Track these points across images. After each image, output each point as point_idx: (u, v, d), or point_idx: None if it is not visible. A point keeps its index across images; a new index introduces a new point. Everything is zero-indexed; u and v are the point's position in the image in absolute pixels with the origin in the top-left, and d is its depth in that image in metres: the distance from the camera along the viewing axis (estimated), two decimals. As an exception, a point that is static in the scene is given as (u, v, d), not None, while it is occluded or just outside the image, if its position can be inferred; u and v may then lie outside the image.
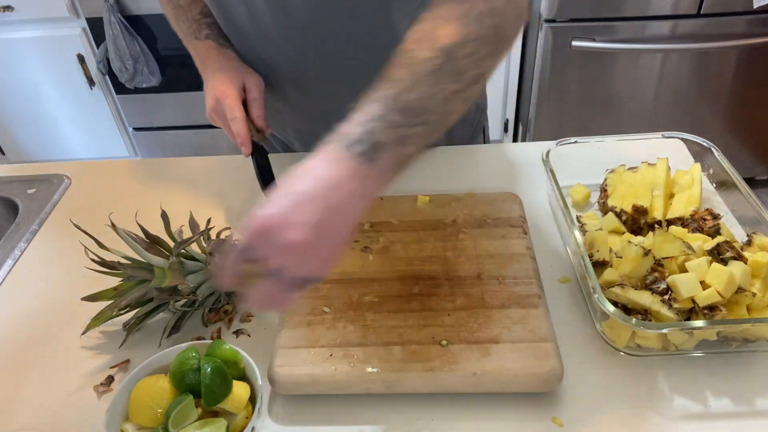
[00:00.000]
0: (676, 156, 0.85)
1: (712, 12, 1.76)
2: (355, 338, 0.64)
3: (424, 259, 0.73)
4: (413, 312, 0.67)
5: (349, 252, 0.75)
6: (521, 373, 0.60)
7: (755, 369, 0.64)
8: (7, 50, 2.09)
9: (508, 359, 0.61)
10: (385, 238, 0.77)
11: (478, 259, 0.73)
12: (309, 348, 0.63)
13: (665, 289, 0.64)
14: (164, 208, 0.72)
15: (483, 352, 0.61)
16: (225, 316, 0.73)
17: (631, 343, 0.65)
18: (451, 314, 0.66)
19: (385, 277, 0.71)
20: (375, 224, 0.79)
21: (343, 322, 0.66)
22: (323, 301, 0.69)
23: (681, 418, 0.60)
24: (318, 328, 0.66)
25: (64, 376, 0.69)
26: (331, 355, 0.62)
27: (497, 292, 0.68)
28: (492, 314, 0.66)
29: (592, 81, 1.92)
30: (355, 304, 0.68)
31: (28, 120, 2.28)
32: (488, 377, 0.60)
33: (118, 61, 1.98)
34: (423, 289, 0.69)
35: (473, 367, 0.60)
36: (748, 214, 0.75)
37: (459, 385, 0.61)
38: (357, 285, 0.71)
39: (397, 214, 0.80)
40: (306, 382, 0.61)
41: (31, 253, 0.87)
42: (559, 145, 0.86)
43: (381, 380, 0.61)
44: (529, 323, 0.64)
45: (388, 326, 0.65)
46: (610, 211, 0.78)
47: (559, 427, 0.60)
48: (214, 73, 0.80)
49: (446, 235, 0.76)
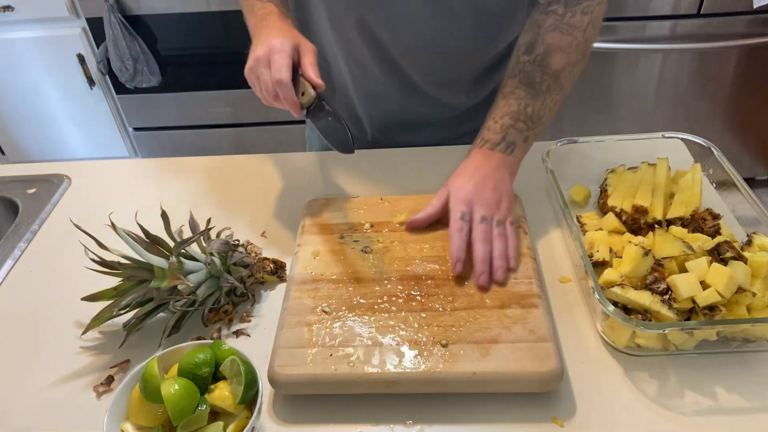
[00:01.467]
0: (676, 156, 0.85)
1: (712, 12, 1.76)
2: (354, 338, 0.64)
3: (423, 259, 0.73)
4: (413, 312, 0.67)
5: (350, 252, 0.75)
6: (521, 373, 0.60)
7: (755, 369, 0.64)
8: (7, 50, 2.09)
9: (508, 359, 0.61)
10: (385, 238, 0.77)
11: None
12: (309, 348, 0.64)
13: (665, 289, 0.64)
14: (164, 208, 0.72)
15: (483, 352, 0.62)
16: (225, 316, 0.73)
17: (631, 343, 0.65)
18: (450, 314, 0.66)
19: (385, 278, 0.71)
20: (375, 224, 0.79)
21: (343, 322, 0.66)
22: (323, 301, 0.69)
23: (681, 418, 0.60)
24: (318, 328, 0.66)
25: (64, 375, 0.69)
26: (331, 355, 0.62)
27: (497, 292, 0.68)
28: (492, 314, 0.66)
29: (591, 81, 1.92)
30: (355, 305, 0.68)
31: (28, 120, 2.28)
32: (488, 378, 0.60)
33: (118, 61, 1.98)
34: (423, 289, 0.70)
35: (473, 368, 0.60)
36: (748, 214, 0.75)
37: (459, 386, 0.61)
38: (357, 285, 0.71)
39: (397, 214, 0.80)
40: (306, 383, 0.61)
41: (31, 253, 0.87)
42: (559, 145, 0.86)
43: (381, 380, 0.61)
44: (530, 323, 0.64)
45: (387, 326, 0.65)
46: (610, 211, 0.78)
47: (559, 427, 0.60)
48: (270, 31, 0.76)
49: (446, 235, 0.76)
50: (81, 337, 0.72)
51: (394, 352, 0.62)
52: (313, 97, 0.76)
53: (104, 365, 0.69)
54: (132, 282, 0.69)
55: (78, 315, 0.75)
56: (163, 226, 0.71)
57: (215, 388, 0.58)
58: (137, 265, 0.69)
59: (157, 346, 0.69)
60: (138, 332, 0.71)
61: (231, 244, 0.74)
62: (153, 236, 0.71)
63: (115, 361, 0.69)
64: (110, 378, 0.67)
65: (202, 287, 0.69)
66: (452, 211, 0.74)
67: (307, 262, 0.74)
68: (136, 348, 0.70)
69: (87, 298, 0.70)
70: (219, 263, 0.71)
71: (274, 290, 0.77)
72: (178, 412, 0.54)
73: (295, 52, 0.73)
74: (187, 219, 0.74)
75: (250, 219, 0.87)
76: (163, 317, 0.71)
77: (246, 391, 0.57)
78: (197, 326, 0.72)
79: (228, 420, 0.57)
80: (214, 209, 0.90)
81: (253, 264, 0.75)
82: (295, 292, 0.70)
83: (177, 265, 0.68)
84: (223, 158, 1.03)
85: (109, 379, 0.67)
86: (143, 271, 0.68)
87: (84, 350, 0.71)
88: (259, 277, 0.76)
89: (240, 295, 0.74)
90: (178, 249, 0.69)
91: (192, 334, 0.71)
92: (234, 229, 0.79)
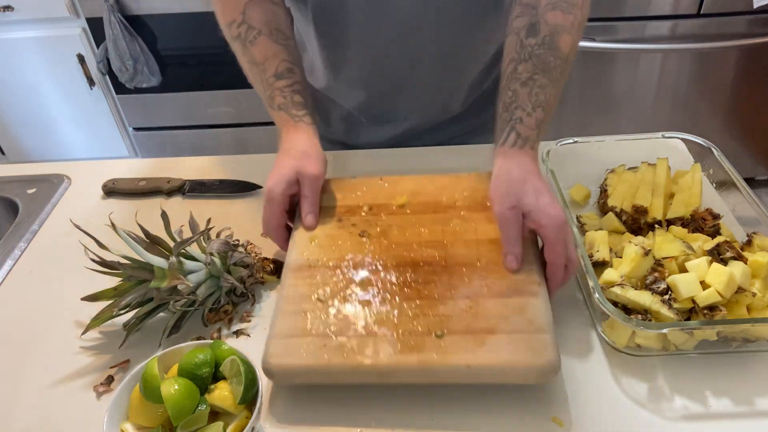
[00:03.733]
0: (676, 156, 0.85)
1: (712, 12, 1.76)
2: (348, 328, 0.63)
3: (421, 244, 0.71)
4: (409, 300, 0.65)
5: (347, 237, 0.73)
6: (517, 365, 0.59)
7: (755, 369, 0.64)
8: (7, 50, 2.09)
9: (504, 351, 0.59)
10: (383, 222, 0.75)
11: (478, 244, 0.70)
12: (302, 337, 0.62)
13: (665, 289, 0.64)
14: (164, 208, 0.72)
15: (478, 342, 0.60)
16: (225, 316, 0.73)
17: (631, 343, 0.65)
18: (447, 303, 0.64)
19: (381, 264, 0.70)
20: (374, 207, 0.77)
21: (338, 311, 0.65)
22: (319, 288, 0.67)
23: (681, 418, 0.60)
24: (312, 316, 0.64)
25: (64, 376, 0.69)
26: (325, 345, 0.61)
27: (496, 280, 0.66)
28: (489, 303, 0.64)
29: (592, 81, 1.92)
30: (351, 293, 0.67)
31: (28, 120, 2.28)
32: (482, 369, 0.59)
33: (118, 61, 1.98)
34: (419, 276, 0.68)
35: (467, 359, 0.59)
36: (748, 214, 0.75)
37: (453, 377, 0.60)
38: (353, 272, 0.69)
39: (397, 196, 0.78)
40: (299, 373, 0.61)
41: (31, 253, 0.87)
42: (559, 145, 0.86)
43: (374, 371, 0.60)
44: (528, 313, 0.62)
45: (382, 315, 0.64)
46: (610, 211, 0.78)
47: (559, 427, 0.60)
48: (279, 159, 0.77)
49: (445, 219, 0.73)
50: (81, 337, 0.72)
51: (388, 342, 0.61)
52: None
53: (104, 365, 0.69)
54: (132, 282, 0.69)
55: (78, 315, 0.75)
56: (163, 226, 0.72)
57: (215, 388, 0.58)
58: (137, 265, 0.69)
59: (157, 346, 0.69)
60: (138, 332, 0.71)
61: (231, 244, 0.74)
62: (153, 236, 0.71)
63: (115, 361, 0.69)
64: (110, 378, 0.67)
65: (202, 287, 0.69)
66: (557, 242, 0.65)
67: (303, 247, 0.73)
68: (136, 348, 0.70)
69: (87, 298, 0.70)
70: (219, 263, 0.71)
71: (274, 290, 0.77)
72: (178, 412, 0.54)
73: (292, 186, 0.74)
74: (187, 219, 0.74)
75: (250, 219, 0.87)
76: (163, 317, 0.71)
77: (246, 391, 0.57)
78: (197, 326, 0.72)
79: (228, 420, 0.57)
80: (214, 209, 0.90)
81: (253, 264, 0.75)
82: (291, 279, 0.69)
83: (177, 265, 0.68)
84: (223, 158, 1.03)
85: (109, 379, 0.67)
86: (143, 271, 0.68)
87: (84, 350, 0.71)
88: (259, 277, 0.76)
89: (240, 295, 0.74)
90: (178, 249, 0.69)
91: (192, 334, 0.71)
92: (234, 229, 0.79)
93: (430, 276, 0.68)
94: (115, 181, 0.96)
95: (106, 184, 0.96)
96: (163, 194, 0.94)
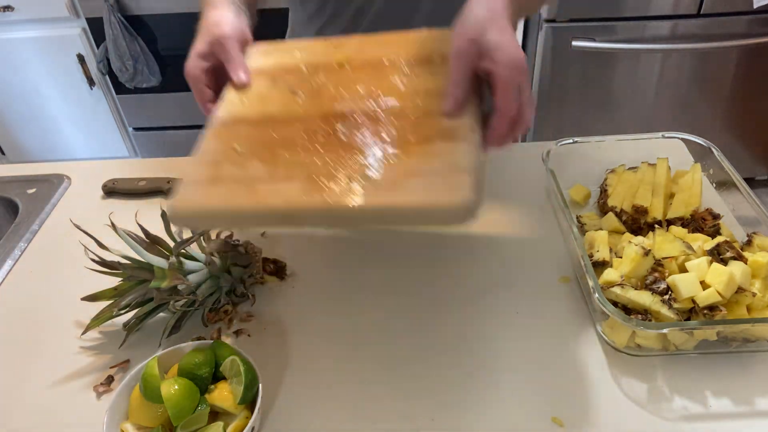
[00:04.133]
0: (676, 156, 0.85)
1: (712, 12, 1.76)
2: (262, 174, 0.60)
3: (355, 98, 0.67)
4: (331, 151, 0.61)
5: (277, 95, 0.69)
6: (428, 203, 0.54)
7: (755, 369, 0.64)
8: (7, 50, 2.09)
9: (418, 192, 0.55)
10: (318, 80, 0.70)
11: (415, 96, 0.65)
12: (212, 185, 0.59)
13: (665, 289, 0.64)
14: (164, 208, 0.72)
15: (395, 186, 0.56)
16: (225, 316, 0.73)
17: (631, 343, 0.65)
18: (372, 152, 0.60)
19: (308, 117, 0.65)
20: (311, 66, 0.72)
21: (253, 160, 0.61)
22: (236, 140, 0.64)
23: (681, 418, 0.60)
24: (226, 165, 0.61)
25: (64, 375, 0.69)
26: (234, 190, 0.58)
27: (424, 126, 0.62)
28: (413, 149, 0.59)
29: (592, 81, 1.92)
30: (269, 143, 0.63)
31: (28, 120, 2.28)
32: (391, 209, 0.55)
33: (118, 61, 1.98)
34: (346, 128, 0.63)
35: (377, 201, 0.55)
36: (748, 214, 0.75)
37: (363, 221, 0.56)
38: (276, 126, 0.65)
39: (338, 55, 0.73)
40: (203, 216, 0.58)
41: (31, 253, 0.87)
42: (559, 145, 0.86)
43: (279, 213, 0.57)
44: (452, 156, 0.58)
45: (299, 163, 0.60)
46: (610, 211, 0.78)
47: (559, 426, 0.60)
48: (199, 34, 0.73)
49: (385, 74, 0.69)
50: (81, 337, 0.72)
51: (301, 187, 0.57)
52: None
53: (104, 365, 0.69)
54: (132, 282, 0.69)
55: (78, 315, 0.75)
56: (163, 226, 0.72)
57: (215, 388, 0.58)
58: (137, 265, 0.69)
59: (157, 346, 0.69)
60: (138, 332, 0.71)
61: (231, 244, 0.74)
62: (153, 236, 0.71)
63: (115, 361, 0.69)
64: (110, 378, 0.67)
65: (202, 287, 0.69)
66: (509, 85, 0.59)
67: (230, 105, 0.69)
68: (136, 348, 0.70)
69: (87, 298, 0.70)
70: (219, 263, 0.71)
71: (274, 290, 0.77)
72: (178, 412, 0.54)
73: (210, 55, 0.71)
74: (187, 219, 0.74)
75: (250, 219, 0.88)
76: (163, 317, 0.71)
77: (246, 391, 0.57)
78: (197, 326, 0.72)
79: (228, 420, 0.57)
80: (214, 209, 0.90)
81: (253, 264, 0.75)
82: (212, 132, 0.66)
83: (177, 265, 0.68)
84: (223, 158, 1.03)
85: (109, 379, 0.67)
86: (143, 271, 0.68)
87: (84, 350, 0.71)
88: (259, 277, 0.76)
89: (240, 295, 0.74)
90: (178, 249, 0.69)
91: (192, 334, 0.71)
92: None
93: (358, 128, 0.63)
94: (115, 181, 0.96)
95: (106, 184, 0.96)
96: (163, 194, 0.94)
